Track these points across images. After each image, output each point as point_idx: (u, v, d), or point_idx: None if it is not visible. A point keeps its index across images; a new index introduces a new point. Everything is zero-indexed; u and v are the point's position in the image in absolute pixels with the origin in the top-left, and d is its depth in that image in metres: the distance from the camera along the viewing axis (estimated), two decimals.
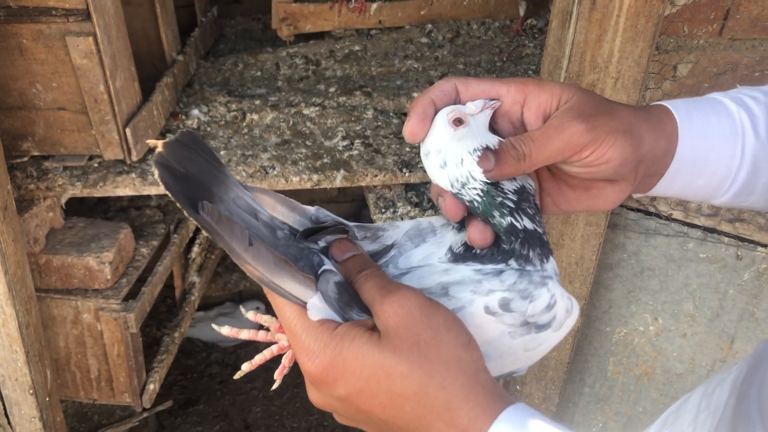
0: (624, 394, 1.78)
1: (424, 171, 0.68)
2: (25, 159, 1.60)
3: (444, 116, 0.62)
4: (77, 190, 1.59)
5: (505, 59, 2.14)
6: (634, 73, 1.27)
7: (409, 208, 1.72)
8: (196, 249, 2.07)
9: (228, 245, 0.53)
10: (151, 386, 1.82)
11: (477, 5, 2.28)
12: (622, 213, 1.52)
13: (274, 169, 1.65)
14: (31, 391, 1.52)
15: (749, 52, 1.39)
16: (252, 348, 3.02)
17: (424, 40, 2.21)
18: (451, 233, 0.66)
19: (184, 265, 2.09)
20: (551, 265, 0.62)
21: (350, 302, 0.57)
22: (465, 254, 0.63)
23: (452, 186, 0.62)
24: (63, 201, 1.59)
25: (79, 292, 1.66)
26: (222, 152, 1.69)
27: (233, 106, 1.83)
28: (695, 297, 1.53)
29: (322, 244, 0.62)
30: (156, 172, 0.55)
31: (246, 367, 0.66)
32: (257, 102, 1.84)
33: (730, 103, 0.68)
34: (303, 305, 0.56)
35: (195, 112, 1.81)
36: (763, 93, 0.70)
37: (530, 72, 2.03)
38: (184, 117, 1.80)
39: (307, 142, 1.74)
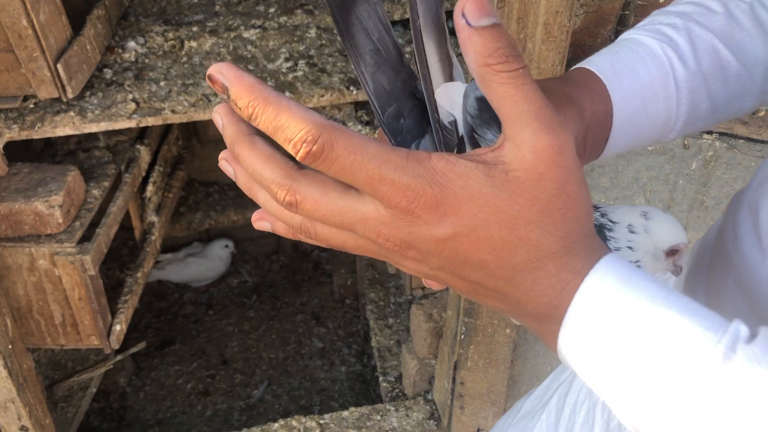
0: None
1: None
2: None
3: None
4: (14, 134, 1.54)
5: None
6: None
7: (360, 127, 1.69)
8: (150, 188, 2.04)
9: None
10: (118, 327, 1.82)
11: None
12: None
13: (216, 96, 1.61)
14: None
15: None
16: (225, 287, 3.02)
17: None
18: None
19: (140, 205, 2.06)
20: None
21: (490, 121, 0.46)
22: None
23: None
24: (0, 145, 1.54)
25: (32, 238, 1.63)
26: (162, 83, 1.64)
27: (170, 35, 1.77)
28: (646, 190, 1.54)
29: None
30: None
31: None
32: (195, 29, 1.78)
33: (651, 41, 0.66)
34: (422, 83, 0.46)
35: (131, 44, 1.74)
36: (679, 17, 0.68)
37: None
38: (120, 50, 1.73)
39: (249, 66, 1.69)
